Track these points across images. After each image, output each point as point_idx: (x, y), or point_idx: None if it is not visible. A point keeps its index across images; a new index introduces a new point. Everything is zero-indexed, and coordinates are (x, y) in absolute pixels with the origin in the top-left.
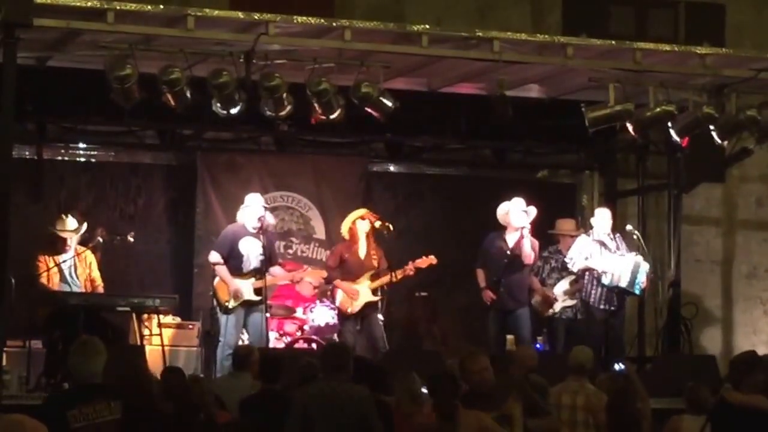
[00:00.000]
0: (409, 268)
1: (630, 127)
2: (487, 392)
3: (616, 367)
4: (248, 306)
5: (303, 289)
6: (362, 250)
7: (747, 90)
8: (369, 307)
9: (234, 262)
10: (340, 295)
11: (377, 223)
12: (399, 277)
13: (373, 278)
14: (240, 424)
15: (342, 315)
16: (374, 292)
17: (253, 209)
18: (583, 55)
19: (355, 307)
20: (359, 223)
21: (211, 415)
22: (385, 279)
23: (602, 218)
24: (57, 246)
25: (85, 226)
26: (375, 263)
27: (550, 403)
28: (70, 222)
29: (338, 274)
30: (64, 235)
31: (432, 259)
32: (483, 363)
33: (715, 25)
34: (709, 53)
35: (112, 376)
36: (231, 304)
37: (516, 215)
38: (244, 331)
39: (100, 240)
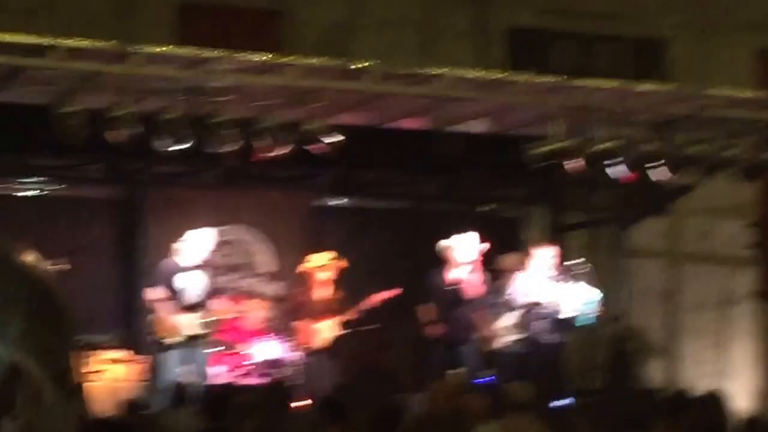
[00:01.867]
0: (369, 302)
1: (575, 162)
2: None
3: (558, 403)
4: (190, 341)
5: (249, 323)
6: (325, 289)
7: (690, 126)
8: (331, 343)
9: (174, 297)
10: (304, 331)
11: (328, 258)
12: (362, 310)
13: (335, 315)
14: None
15: (307, 351)
16: (338, 327)
17: (192, 245)
18: (529, 91)
19: (317, 343)
20: (317, 273)
21: None
22: (348, 315)
23: (544, 256)
24: None
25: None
26: (337, 299)
27: None
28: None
29: (301, 311)
30: None
31: (394, 291)
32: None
33: (659, 59)
34: (654, 90)
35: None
36: (172, 339)
37: (458, 251)
38: (187, 366)
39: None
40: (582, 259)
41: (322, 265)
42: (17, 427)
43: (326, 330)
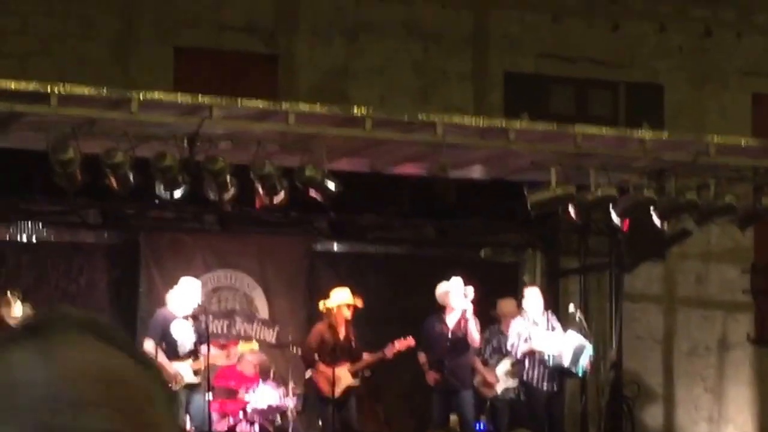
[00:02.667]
0: (389, 351)
1: (572, 209)
2: None
3: None
4: (188, 389)
5: (244, 369)
6: (342, 332)
7: (686, 172)
8: (348, 391)
9: (169, 346)
10: (323, 377)
11: (321, 304)
12: (375, 359)
13: (353, 362)
14: None
15: (321, 398)
16: (353, 375)
17: (184, 293)
18: (525, 138)
19: (336, 391)
20: (344, 309)
21: None
22: (366, 362)
23: (532, 298)
24: None
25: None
26: (353, 345)
27: None
28: (18, 308)
29: (316, 355)
30: (9, 321)
31: (410, 341)
32: None
33: (653, 104)
34: (649, 137)
35: None
36: (172, 388)
37: (455, 297)
38: (186, 415)
39: None
40: (572, 309)
41: (347, 303)
42: None
43: (346, 377)
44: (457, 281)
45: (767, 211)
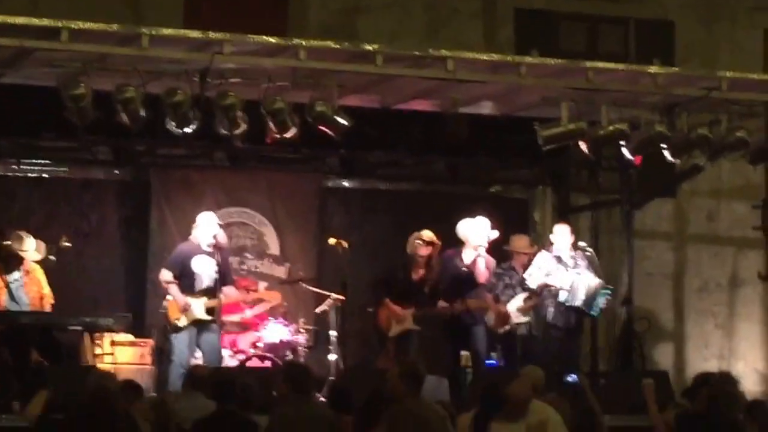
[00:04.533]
0: (459, 306)
1: (583, 145)
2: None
3: (569, 378)
4: (200, 324)
5: (259, 306)
6: (418, 273)
7: (698, 108)
8: (405, 333)
9: (186, 280)
10: (387, 313)
11: (331, 240)
12: (440, 311)
13: (418, 304)
14: None
15: (381, 335)
16: (417, 321)
17: (206, 228)
18: (536, 73)
19: (395, 330)
20: (421, 246)
21: None
22: (432, 310)
23: (562, 234)
24: (10, 264)
25: (43, 250)
26: (426, 289)
27: None
28: (30, 242)
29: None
30: (23, 254)
31: (484, 302)
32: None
33: (665, 41)
34: (661, 72)
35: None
36: (182, 322)
37: (476, 234)
38: (197, 349)
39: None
40: (587, 241)
41: (430, 242)
42: None
43: (407, 320)
44: (483, 220)
45: None
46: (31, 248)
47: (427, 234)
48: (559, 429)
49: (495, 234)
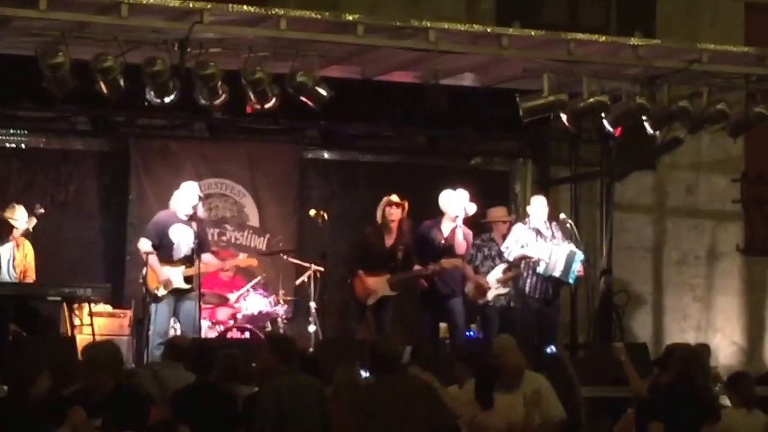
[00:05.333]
0: (434, 267)
1: (564, 117)
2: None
3: (549, 350)
4: (179, 294)
5: (237, 277)
6: (389, 240)
7: (678, 81)
8: (382, 301)
9: (164, 249)
10: (361, 284)
11: (311, 212)
12: (415, 274)
13: (390, 270)
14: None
15: (359, 306)
16: (392, 287)
17: (186, 196)
18: (518, 45)
19: (369, 300)
20: (391, 210)
21: None
22: (406, 275)
23: (539, 206)
24: (1, 232)
25: (34, 220)
26: (399, 255)
27: None
28: (21, 212)
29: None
30: (14, 224)
31: (457, 261)
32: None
33: (646, 14)
34: (642, 44)
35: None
36: (160, 292)
37: (454, 205)
38: (175, 319)
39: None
40: (563, 217)
41: (397, 203)
42: None
43: (383, 287)
44: (462, 193)
45: (759, 118)
46: (21, 218)
47: (395, 197)
48: (552, 397)
49: (473, 207)
